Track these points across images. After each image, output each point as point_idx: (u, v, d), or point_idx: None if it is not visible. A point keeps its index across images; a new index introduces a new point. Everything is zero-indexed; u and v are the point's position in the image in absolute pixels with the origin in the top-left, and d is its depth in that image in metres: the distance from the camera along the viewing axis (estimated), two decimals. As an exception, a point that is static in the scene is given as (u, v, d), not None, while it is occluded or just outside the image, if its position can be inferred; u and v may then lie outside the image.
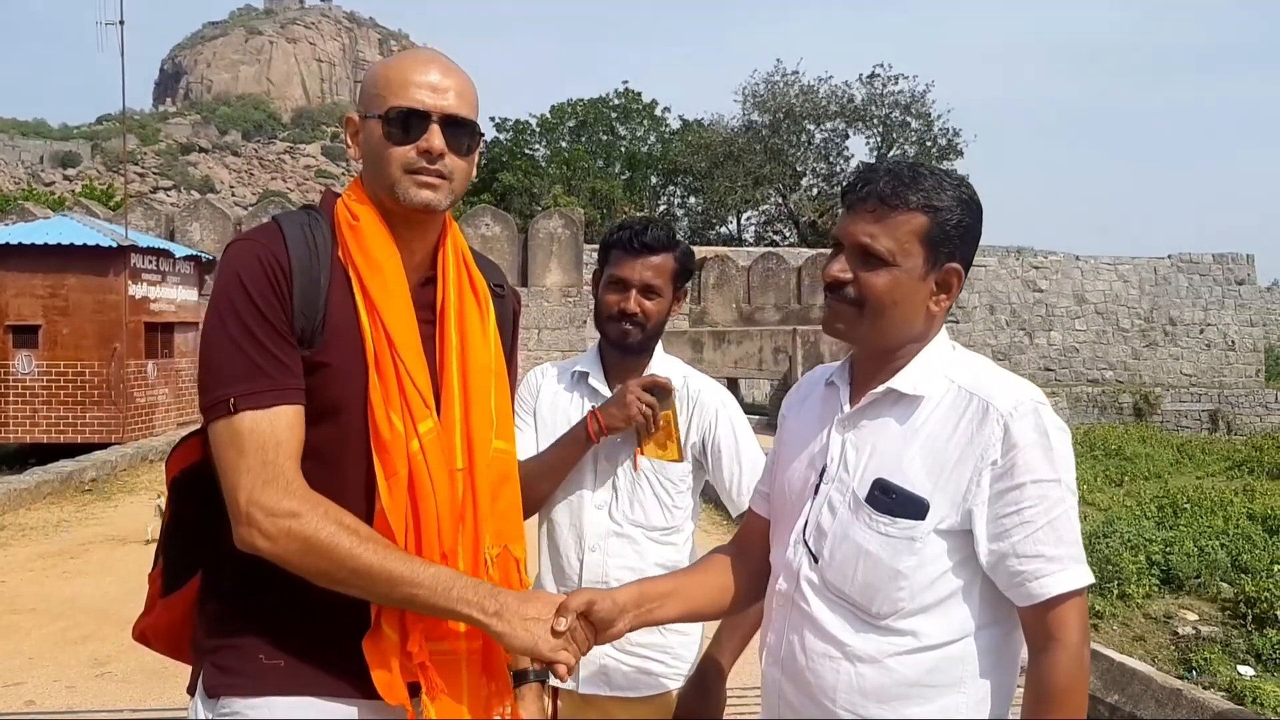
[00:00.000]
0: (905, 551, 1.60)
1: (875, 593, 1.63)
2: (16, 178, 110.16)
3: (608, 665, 2.45)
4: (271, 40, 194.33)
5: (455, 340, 1.75)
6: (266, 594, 1.63)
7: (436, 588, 1.58)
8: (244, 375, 1.57)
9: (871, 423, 1.69)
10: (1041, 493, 1.56)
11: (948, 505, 1.59)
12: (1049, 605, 1.55)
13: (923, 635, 1.61)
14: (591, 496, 2.50)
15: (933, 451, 1.61)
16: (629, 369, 2.55)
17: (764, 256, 21.99)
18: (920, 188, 1.63)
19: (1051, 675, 1.55)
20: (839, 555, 1.66)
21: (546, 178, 35.99)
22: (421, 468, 1.64)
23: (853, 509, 1.66)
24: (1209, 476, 14.26)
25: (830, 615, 1.67)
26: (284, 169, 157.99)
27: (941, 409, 1.64)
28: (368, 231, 1.69)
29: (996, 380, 1.65)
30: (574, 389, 2.60)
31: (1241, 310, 27.86)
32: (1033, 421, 1.58)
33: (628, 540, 2.48)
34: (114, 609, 6.46)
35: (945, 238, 1.64)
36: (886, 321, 1.67)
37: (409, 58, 1.75)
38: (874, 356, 1.73)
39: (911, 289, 1.65)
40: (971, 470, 1.58)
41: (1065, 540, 1.56)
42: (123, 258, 13.92)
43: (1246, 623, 6.70)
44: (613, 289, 2.50)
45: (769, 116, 36.97)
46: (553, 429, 2.55)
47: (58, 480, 10.53)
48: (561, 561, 2.51)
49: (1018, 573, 1.56)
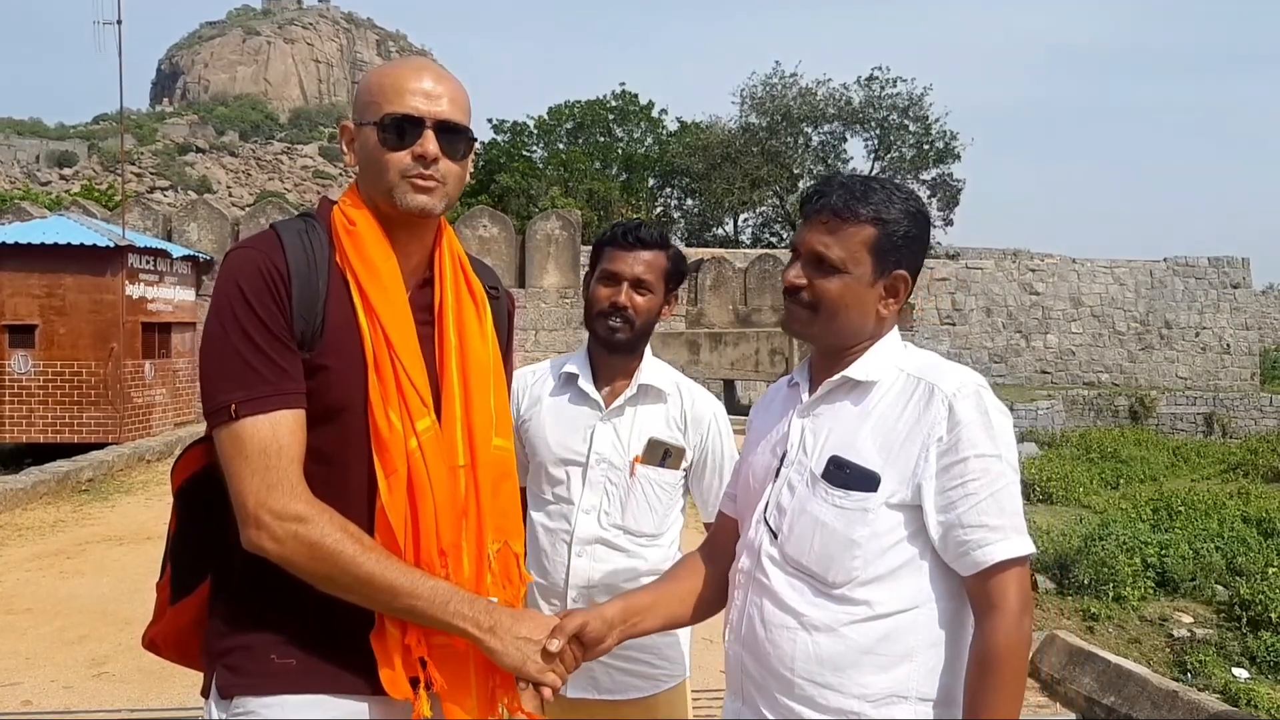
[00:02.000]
0: (859, 522, 1.71)
1: (831, 562, 1.73)
2: (12, 177, 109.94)
3: (595, 669, 2.44)
4: (269, 41, 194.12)
5: (454, 340, 1.79)
6: (276, 595, 1.66)
7: (434, 600, 1.63)
8: (244, 381, 1.61)
9: (829, 408, 1.83)
10: (984, 466, 1.67)
11: (898, 480, 1.71)
12: (990, 573, 1.66)
13: (876, 604, 1.71)
14: (581, 500, 2.49)
15: (884, 430, 1.74)
16: (617, 369, 2.55)
17: (761, 258, 21.98)
18: (870, 201, 1.77)
19: (992, 640, 1.64)
20: (797, 529, 1.78)
21: (544, 179, 35.99)
22: (420, 465, 1.67)
23: (810, 485, 1.78)
24: (1204, 479, 14.30)
25: (788, 587, 1.77)
26: (281, 169, 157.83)
27: (892, 393, 1.77)
28: (364, 236, 1.73)
29: (942, 367, 1.79)
30: (562, 390, 2.59)
31: (1237, 313, 27.90)
32: (974, 402, 1.71)
33: (615, 546, 2.49)
34: (111, 609, 6.47)
35: (892, 247, 1.78)
36: (839, 322, 1.80)
37: (402, 66, 1.78)
38: (829, 353, 1.86)
39: (861, 294, 1.79)
40: (919, 447, 1.70)
41: (1007, 512, 1.68)
42: (120, 257, 13.91)
43: (1241, 625, 6.73)
44: (605, 283, 2.50)
45: (766, 119, 36.99)
46: (540, 431, 2.55)
47: (54, 480, 10.52)
48: (547, 564, 2.51)
49: (962, 542, 1.67)
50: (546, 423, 2.55)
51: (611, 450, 2.49)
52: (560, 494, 2.52)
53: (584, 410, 2.54)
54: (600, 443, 2.49)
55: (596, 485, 2.49)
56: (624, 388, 2.54)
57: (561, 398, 2.57)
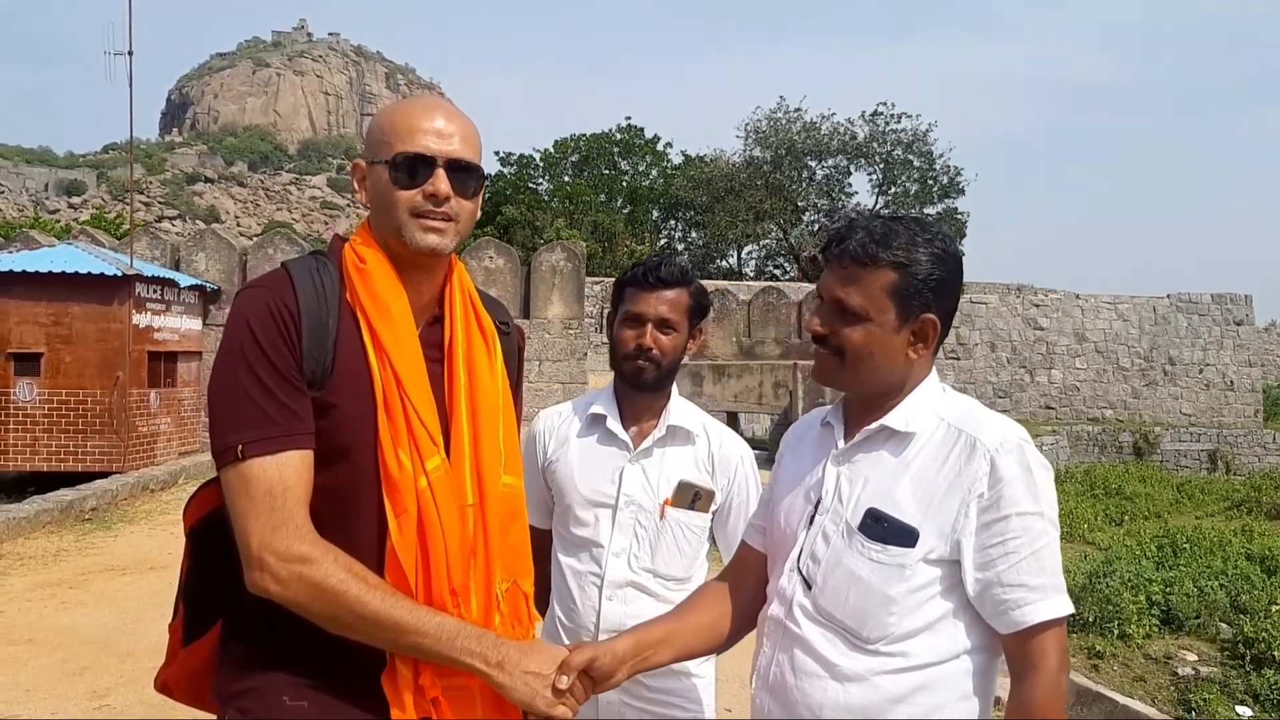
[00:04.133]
0: (895, 578, 1.67)
1: (866, 617, 1.69)
2: (21, 205, 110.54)
3: (625, 712, 2.43)
4: (279, 72, 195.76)
5: (464, 378, 1.79)
6: (287, 636, 1.65)
7: (441, 636, 1.62)
8: (252, 422, 1.61)
9: (865, 457, 1.77)
10: (1025, 525, 1.63)
11: (936, 536, 1.66)
12: (1030, 633, 1.63)
13: (910, 656, 1.68)
14: (610, 543, 2.46)
15: (923, 484, 1.69)
16: (644, 408, 2.53)
17: (764, 290, 22.05)
18: (890, 245, 1.71)
19: (1030, 701, 1.62)
20: (832, 581, 1.73)
21: (549, 211, 36.19)
22: (430, 504, 1.67)
23: (846, 537, 1.73)
24: (1208, 516, 14.25)
25: (821, 639, 1.73)
26: (289, 200, 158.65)
27: (932, 444, 1.72)
28: (375, 274, 1.73)
29: (984, 418, 1.73)
30: (589, 431, 2.56)
31: (1240, 350, 27.90)
32: (1017, 457, 1.65)
33: (645, 589, 2.46)
34: (113, 640, 6.44)
35: (916, 291, 1.72)
36: (866, 370, 1.75)
37: (414, 105, 1.79)
38: (869, 399, 1.80)
39: (886, 341, 1.73)
40: (959, 502, 1.66)
41: (1047, 571, 1.64)
42: (127, 286, 13.97)
43: (1245, 663, 6.68)
44: (629, 325, 2.49)
45: (771, 152, 37.21)
46: (568, 472, 2.53)
47: (57, 509, 10.51)
48: (576, 607, 2.48)
49: (1001, 601, 1.64)
50: (574, 464, 2.52)
51: (641, 492, 2.47)
52: (589, 536, 2.49)
53: (612, 451, 2.51)
54: (629, 485, 2.47)
55: (626, 528, 2.46)
56: (652, 428, 2.52)
57: (589, 438, 2.55)
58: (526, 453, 2.61)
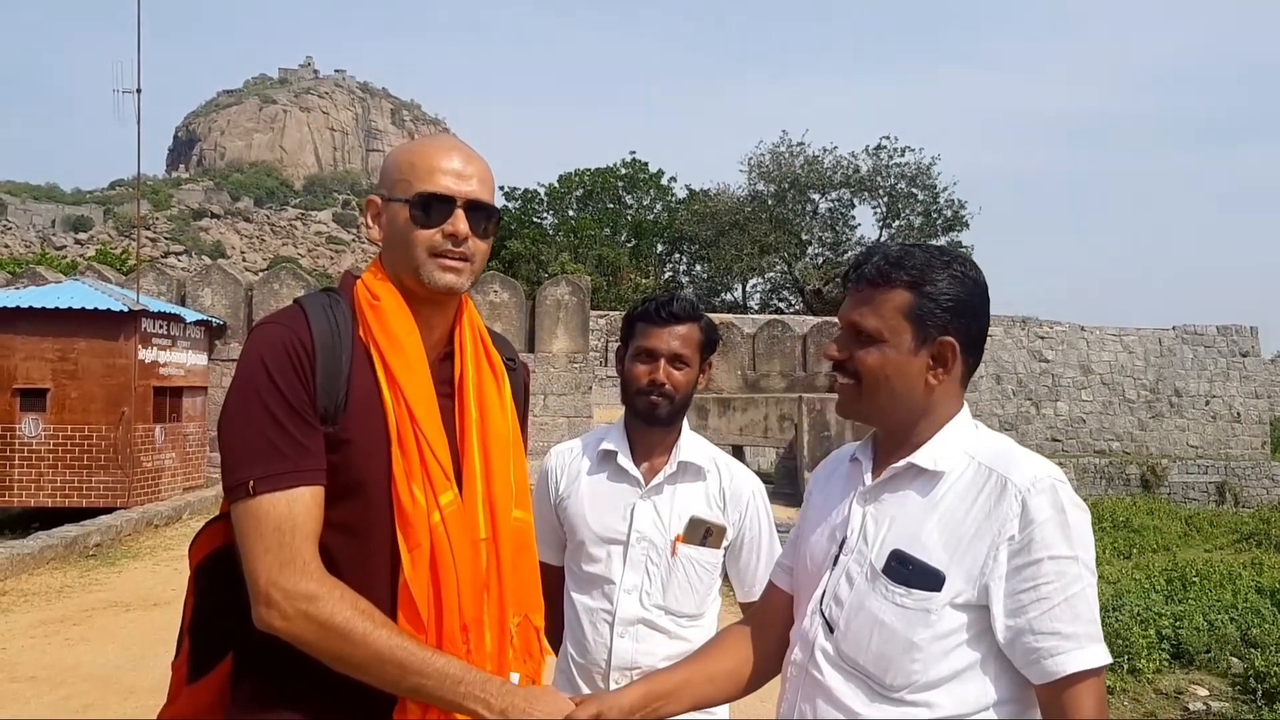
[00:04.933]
0: (920, 623, 1.60)
1: (889, 664, 1.62)
2: (28, 241, 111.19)
3: None
4: (285, 109, 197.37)
5: (475, 413, 1.80)
6: (298, 673, 1.65)
7: (444, 681, 1.61)
8: (263, 457, 1.62)
9: (892, 496, 1.71)
10: (1059, 569, 1.55)
11: (964, 579, 1.59)
12: (1064, 684, 1.55)
13: (936, 707, 1.60)
14: (622, 580, 2.46)
15: (950, 525, 1.62)
16: (656, 444, 2.53)
17: (769, 324, 22.07)
18: (904, 266, 1.68)
19: None
20: (854, 625, 1.67)
21: (554, 245, 36.36)
22: (443, 539, 1.67)
23: (869, 579, 1.67)
24: (1217, 549, 14.17)
25: (844, 686, 1.67)
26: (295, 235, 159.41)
27: (961, 484, 1.65)
28: (388, 310, 1.75)
29: (1016, 457, 1.66)
30: (600, 467, 2.56)
31: (1246, 382, 27.85)
32: (1050, 498, 1.58)
33: (657, 626, 2.45)
34: (116, 677, 6.41)
35: (930, 312, 1.67)
36: (883, 396, 1.71)
37: (433, 145, 1.81)
38: (894, 432, 1.75)
39: (902, 364, 1.68)
40: (989, 545, 1.59)
41: (1082, 618, 1.56)
42: (133, 322, 14.01)
43: (1257, 697, 6.62)
44: (641, 360, 2.49)
45: (774, 186, 37.38)
46: (579, 509, 2.53)
47: (61, 545, 10.48)
48: (588, 644, 2.47)
49: (1033, 649, 1.56)
50: (585, 501, 2.52)
51: (652, 529, 2.46)
52: (600, 573, 2.48)
53: (623, 488, 2.50)
54: (641, 521, 2.46)
55: (638, 565, 2.45)
56: (663, 464, 2.52)
57: (600, 475, 2.54)
58: (539, 489, 2.62)
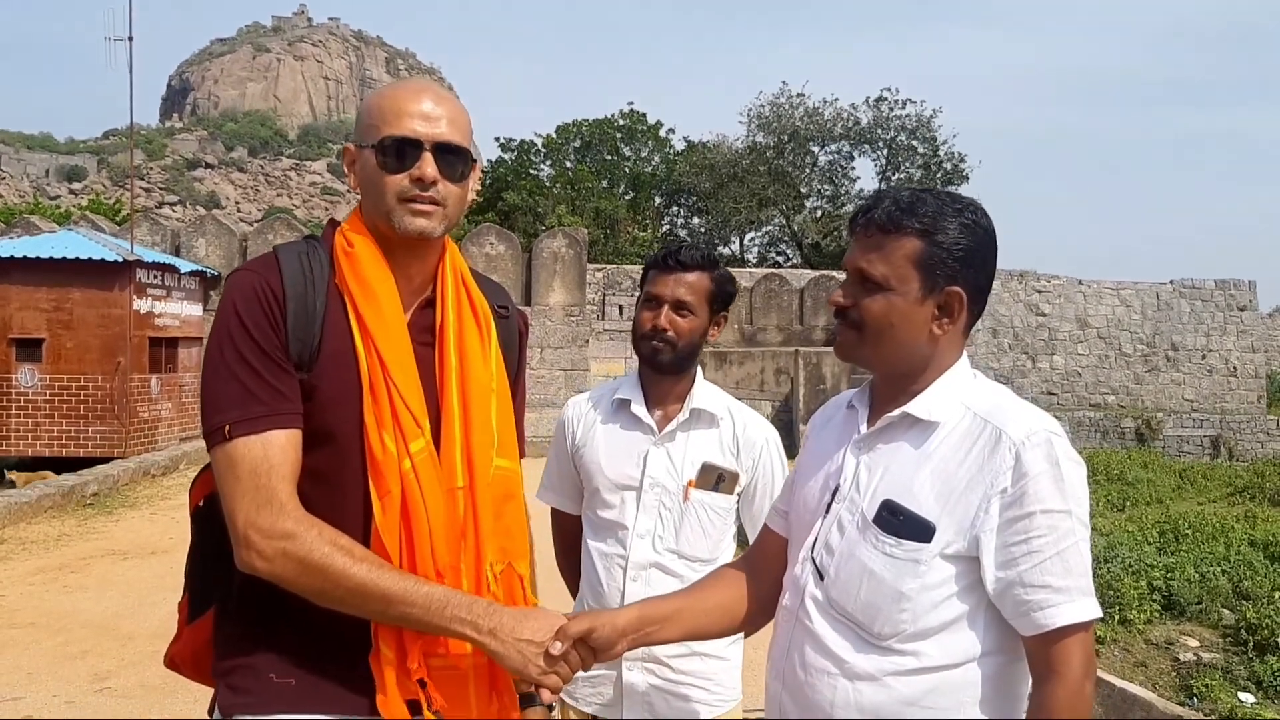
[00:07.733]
0: (909, 574, 1.60)
1: (877, 613, 1.63)
2: (21, 191, 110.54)
3: (650, 694, 2.45)
4: (279, 58, 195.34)
5: (455, 361, 1.79)
6: (276, 615, 1.67)
7: (430, 605, 1.62)
8: (238, 402, 1.62)
9: (886, 446, 1.70)
10: (1051, 523, 1.55)
11: (954, 530, 1.59)
12: (1053, 637, 1.55)
13: (924, 657, 1.61)
14: (635, 525, 2.49)
15: (943, 476, 1.61)
16: (668, 392, 2.56)
17: (767, 277, 21.99)
18: (916, 213, 1.65)
19: (1050, 708, 1.53)
20: (844, 573, 1.67)
21: (551, 197, 36.08)
22: (414, 486, 1.67)
23: (860, 528, 1.66)
24: (1210, 502, 14.23)
25: (832, 633, 1.68)
26: (289, 185, 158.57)
27: (955, 435, 1.64)
28: (363, 258, 1.74)
29: (1012, 409, 1.64)
30: (615, 416, 2.59)
31: (1243, 336, 27.86)
32: (1045, 451, 1.57)
33: (670, 570, 2.47)
34: (114, 624, 6.47)
35: (940, 261, 1.64)
36: (886, 344, 1.68)
37: (401, 88, 1.78)
38: (892, 380, 1.73)
39: (909, 312, 1.66)
40: (981, 497, 1.58)
41: (1074, 572, 1.55)
42: (127, 272, 13.96)
43: (1247, 649, 6.66)
44: (647, 306, 2.53)
45: (774, 138, 37.06)
46: (594, 457, 2.56)
47: (59, 494, 10.53)
48: (603, 589, 2.51)
49: (1023, 602, 1.56)
50: (600, 448, 2.56)
51: (665, 475, 2.49)
52: (614, 519, 2.52)
53: (636, 435, 2.53)
54: (654, 467, 2.49)
55: (651, 510, 2.48)
56: (676, 411, 2.54)
57: (614, 423, 2.58)
58: (556, 440, 2.69)
